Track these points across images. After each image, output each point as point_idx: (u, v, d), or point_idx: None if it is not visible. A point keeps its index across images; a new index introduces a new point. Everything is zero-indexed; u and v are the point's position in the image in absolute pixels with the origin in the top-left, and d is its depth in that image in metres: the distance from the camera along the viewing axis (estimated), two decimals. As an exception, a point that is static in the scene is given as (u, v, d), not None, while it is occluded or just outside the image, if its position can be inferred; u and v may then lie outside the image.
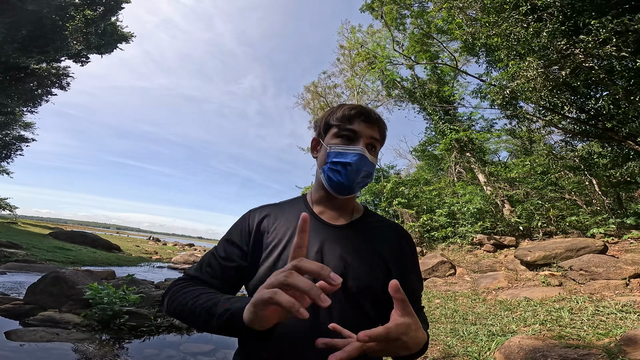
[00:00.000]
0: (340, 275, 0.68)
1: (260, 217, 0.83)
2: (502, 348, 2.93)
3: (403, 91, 16.42)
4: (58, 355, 3.31)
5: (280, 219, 0.82)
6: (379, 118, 0.84)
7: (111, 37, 15.90)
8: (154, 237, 46.89)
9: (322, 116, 0.88)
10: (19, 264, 8.70)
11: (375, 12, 15.54)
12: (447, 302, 5.40)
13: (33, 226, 24.66)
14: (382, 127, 0.85)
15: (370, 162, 0.80)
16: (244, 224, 0.83)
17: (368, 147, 0.81)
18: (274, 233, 0.79)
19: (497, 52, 8.09)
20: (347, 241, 0.78)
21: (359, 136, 0.80)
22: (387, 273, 0.78)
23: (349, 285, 0.72)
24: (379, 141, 0.84)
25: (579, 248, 5.68)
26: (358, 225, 0.83)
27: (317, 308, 0.68)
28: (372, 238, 0.82)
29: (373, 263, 0.77)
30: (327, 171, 0.81)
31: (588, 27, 5.37)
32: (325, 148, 0.82)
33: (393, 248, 0.82)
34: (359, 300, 0.72)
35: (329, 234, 0.79)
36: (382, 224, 0.88)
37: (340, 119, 0.82)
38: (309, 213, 0.82)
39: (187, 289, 0.70)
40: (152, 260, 17.37)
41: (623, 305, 3.62)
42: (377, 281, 0.75)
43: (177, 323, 4.70)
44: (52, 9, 12.68)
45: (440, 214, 11.39)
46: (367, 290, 0.74)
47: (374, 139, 0.82)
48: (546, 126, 8.82)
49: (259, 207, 0.89)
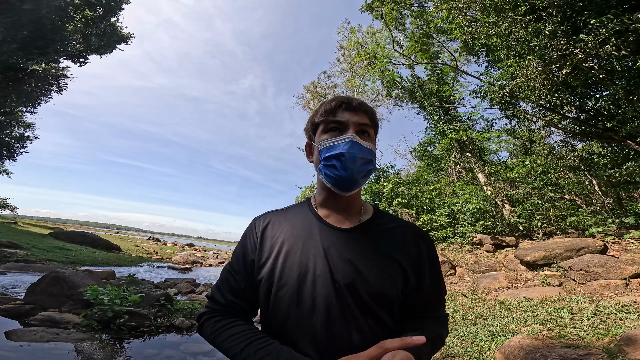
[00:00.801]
0: (350, 282, 0.68)
1: (264, 224, 0.82)
2: (502, 348, 2.93)
3: (403, 91, 16.43)
4: (58, 355, 3.31)
5: (284, 226, 0.80)
6: (363, 103, 0.80)
7: (110, 38, 15.89)
8: (154, 237, 46.90)
9: (308, 119, 0.86)
10: (19, 264, 8.69)
11: (375, 12, 15.55)
12: (447, 302, 5.39)
13: (33, 226, 24.65)
14: (370, 111, 0.80)
15: (366, 148, 0.75)
16: (250, 233, 0.82)
17: (360, 134, 0.77)
18: (278, 240, 0.77)
19: (497, 52, 8.09)
20: (355, 245, 0.74)
21: (346, 125, 0.76)
22: (404, 278, 0.74)
23: (360, 293, 0.68)
24: (371, 126, 0.80)
25: (579, 248, 5.68)
26: (367, 227, 0.79)
27: (332, 318, 0.67)
28: (384, 241, 0.77)
29: (386, 268, 0.72)
30: (324, 169, 0.77)
31: (588, 26, 5.37)
32: (317, 147, 0.79)
33: (409, 251, 0.77)
34: (373, 308, 0.69)
35: (336, 238, 0.75)
36: (396, 224, 0.82)
37: (324, 114, 0.79)
38: (314, 217, 0.80)
39: (225, 331, 0.72)
40: (152, 260, 17.37)
41: (623, 305, 3.62)
42: (392, 287, 0.71)
43: (177, 323, 4.70)
44: (52, 10, 12.68)
45: (440, 214, 11.39)
46: (381, 298, 0.70)
47: (363, 124, 0.77)
48: (546, 126, 8.82)
49: (263, 214, 0.87)
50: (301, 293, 0.69)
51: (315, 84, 20.72)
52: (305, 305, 0.68)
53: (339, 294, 0.68)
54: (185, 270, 14.49)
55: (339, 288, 0.68)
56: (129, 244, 24.58)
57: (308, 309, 0.68)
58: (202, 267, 17.26)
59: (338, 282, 0.69)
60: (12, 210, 28.99)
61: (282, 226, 0.80)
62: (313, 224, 0.78)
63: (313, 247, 0.73)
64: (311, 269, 0.70)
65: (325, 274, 0.69)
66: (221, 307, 0.78)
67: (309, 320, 0.67)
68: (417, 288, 0.76)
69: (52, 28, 13.10)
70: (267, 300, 0.73)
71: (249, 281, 0.77)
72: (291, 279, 0.70)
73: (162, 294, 5.43)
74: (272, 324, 0.72)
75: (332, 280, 0.69)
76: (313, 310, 0.68)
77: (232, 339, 0.69)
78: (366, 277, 0.69)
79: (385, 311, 0.70)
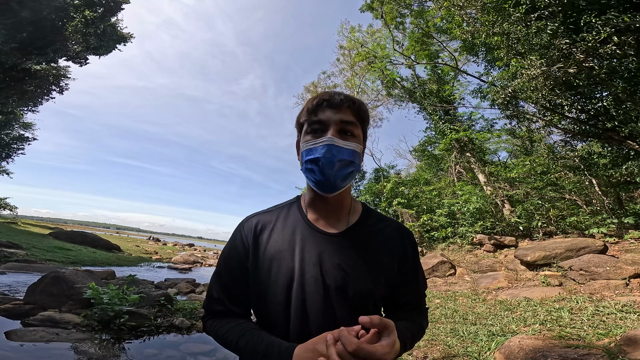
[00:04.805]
0: (340, 285, 0.71)
1: (254, 227, 0.80)
2: (502, 348, 2.93)
3: (403, 91, 16.42)
4: (58, 355, 3.31)
5: (275, 230, 0.79)
6: (347, 98, 0.75)
7: (110, 38, 15.88)
8: (153, 237, 46.91)
9: (297, 117, 0.84)
10: (19, 264, 8.69)
11: (375, 11, 15.55)
12: (447, 302, 5.39)
13: (33, 226, 24.66)
14: (355, 106, 0.76)
15: (346, 149, 0.72)
16: (240, 237, 0.81)
17: (342, 133, 0.73)
18: (270, 245, 0.77)
19: (497, 51, 8.08)
20: (345, 250, 0.75)
21: (327, 125, 0.73)
22: (391, 277, 0.77)
23: (350, 296, 0.71)
24: (355, 123, 0.75)
25: (579, 248, 5.67)
26: (356, 231, 0.79)
27: (325, 322, 0.68)
28: (372, 243, 0.78)
29: (374, 271, 0.74)
30: (305, 172, 0.76)
31: (589, 25, 5.36)
32: (301, 148, 0.78)
33: (395, 251, 0.79)
34: (363, 309, 0.70)
35: (326, 243, 0.75)
36: (383, 224, 0.83)
37: (306, 113, 0.76)
38: (303, 221, 0.79)
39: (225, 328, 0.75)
40: (152, 260, 17.37)
41: (623, 305, 3.62)
42: (380, 288, 0.75)
43: (177, 323, 4.70)
44: (52, 10, 12.67)
45: (440, 214, 11.39)
46: (370, 299, 0.73)
47: (345, 122, 0.73)
48: (546, 126, 8.81)
49: (251, 216, 0.85)
50: (293, 298, 0.71)
51: (315, 84, 20.72)
52: (298, 310, 0.70)
53: (330, 298, 0.70)
54: (185, 270, 14.50)
55: (330, 292, 0.70)
56: (129, 244, 24.58)
57: (301, 313, 0.70)
58: (202, 267, 17.26)
59: (329, 286, 0.70)
60: (12, 210, 29.00)
61: (273, 229, 0.79)
62: (303, 229, 0.78)
63: (304, 253, 0.74)
64: (303, 275, 0.71)
65: (317, 280, 0.71)
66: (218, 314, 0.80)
67: (301, 324, 0.69)
68: (402, 284, 0.80)
69: (52, 28, 13.10)
70: (259, 305, 0.75)
71: (239, 287, 0.78)
72: (283, 285, 0.72)
73: (162, 294, 5.43)
74: (265, 328, 0.73)
75: (324, 285, 0.70)
76: (306, 315, 0.69)
77: (229, 332, 0.73)
78: (355, 281, 0.72)
79: (374, 311, 0.75)
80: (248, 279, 0.77)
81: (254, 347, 0.67)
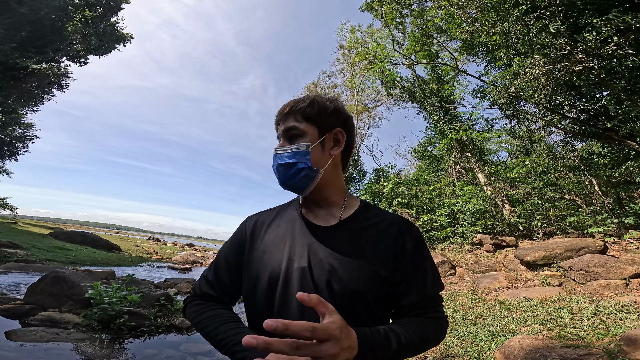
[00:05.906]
0: (326, 280, 0.70)
1: (253, 223, 0.86)
2: (502, 348, 2.93)
3: (403, 91, 16.42)
4: (58, 355, 3.31)
5: (272, 225, 0.84)
6: (291, 103, 0.80)
7: (110, 38, 15.88)
8: (153, 237, 46.90)
9: None
10: (19, 264, 8.69)
11: (375, 11, 15.54)
12: (447, 302, 5.40)
13: (33, 226, 24.65)
14: (297, 108, 0.79)
15: (285, 154, 0.76)
16: (240, 232, 0.87)
17: (290, 140, 0.78)
18: (264, 239, 0.81)
19: (497, 51, 8.08)
20: (334, 244, 0.74)
21: (279, 138, 0.81)
22: (383, 274, 0.71)
23: (335, 291, 0.68)
24: (297, 126, 0.77)
25: (579, 248, 5.67)
26: (348, 225, 0.78)
27: (310, 316, 0.63)
28: (363, 238, 0.76)
29: (361, 265, 0.71)
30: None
31: (590, 25, 5.36)
32: None
33: (390, 245, 0.75)
34: (349, 306, 0.68)
35: (316, 236, 0.76)
36: (380, 217, 0.80)
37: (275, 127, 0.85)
38: (298, 216, 0.83)
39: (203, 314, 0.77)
40: (152, 260, 17.37)
41: (623, 305, 3.62)
42: (368, 285, 0.70)
43: (177, 323, 4.70)
44: (51, 9, 12.67)
45: (440, 214, 11.39)
46: (356, 295, 0.69)
47: (288, 129, 0.78)
48: (546, 126, 8.81)
49: (254, 214, 0.92)
50: (280, 291, 0.71)
51: (315, 84, 20.72)
52: (284, 303, 0.71)
53: (316, 292, 0.68)
54: (185, 270, 14.50)
55: (317, 286, 0.70)
56: (129, 244, 24.57)
57: (287, 306, 0.70)
58: (202, 267, 17.26)
59: (316, 280, 0.70)
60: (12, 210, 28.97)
61: (270, 226, 0.84)
62: (296, 223, 0.81)
63: (294, 245, 0.76)
64: (290, 267, 0.73)
65: (304, 272, 0.71)
66: (205, 296, 0.83)
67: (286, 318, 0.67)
68: (400, 282, 0.73)
69: (51, 28, 13.10)
70: (248, 296, 0.77)
71: (231, 278, 0.82)
72: (271, 277, 0.73)
73: (162, 294, 5.44)
74: (253, 319, 0.76)
75: (311, 278, 0.71)
76: (290, 307, 0.70)
77: (208, 320, 0.75)
78: (341, 275, 0.70)
79: (362, 308, 0.69)
80: (242, 273, 0.81)
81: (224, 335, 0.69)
